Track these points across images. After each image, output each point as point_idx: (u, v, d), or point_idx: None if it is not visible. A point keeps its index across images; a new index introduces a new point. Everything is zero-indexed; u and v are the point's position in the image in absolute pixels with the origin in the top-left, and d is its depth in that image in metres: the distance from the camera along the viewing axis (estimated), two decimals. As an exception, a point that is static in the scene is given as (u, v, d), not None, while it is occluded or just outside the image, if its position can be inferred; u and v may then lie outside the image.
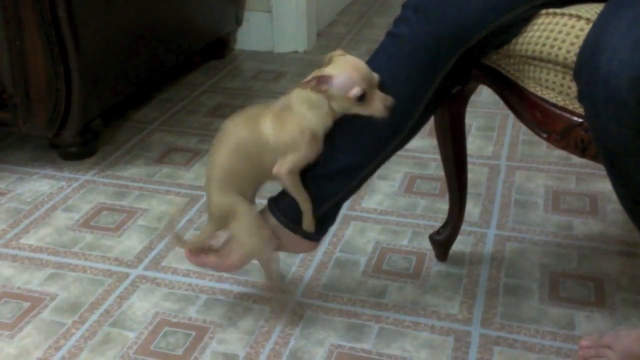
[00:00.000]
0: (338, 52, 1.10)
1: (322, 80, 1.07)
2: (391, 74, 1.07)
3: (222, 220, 1.15)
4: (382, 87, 1.08)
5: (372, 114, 1.07)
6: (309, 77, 1.08)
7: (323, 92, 1.07)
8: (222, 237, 1.19)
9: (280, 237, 1.17)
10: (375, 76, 1.07)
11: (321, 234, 1.21)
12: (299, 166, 1.11)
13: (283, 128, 1.09)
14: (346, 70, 1.07)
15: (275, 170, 1.11)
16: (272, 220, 1.17)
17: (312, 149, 1.10)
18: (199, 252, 1.19)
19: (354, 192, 1.19)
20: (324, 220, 1.19)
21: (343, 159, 1.12)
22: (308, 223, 1.15)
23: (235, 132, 1.13)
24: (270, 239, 1.16)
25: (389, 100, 1.06)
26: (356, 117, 1.10)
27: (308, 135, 1.09)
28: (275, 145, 1.10)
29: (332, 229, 1.36)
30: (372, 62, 1.10)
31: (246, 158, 1.12)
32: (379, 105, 1.06)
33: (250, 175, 1.14)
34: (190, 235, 1.51)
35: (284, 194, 1.16)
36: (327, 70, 1.07)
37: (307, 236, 1.18)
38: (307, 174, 1.13)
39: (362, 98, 1.06)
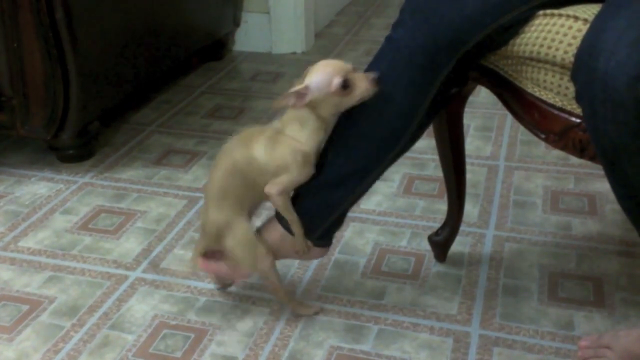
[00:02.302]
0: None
1: (300, 93, 1.07)
2: (391, 80, 1.07)
3: (216, 237, 1.16)
4: (382, 91, 1.08)
5: (363, 96, 1.06)
6: (284, 95, 1.07)
7: (307, 105, 1.07)
8: None
9: (290, 245, 1.18)
10: (349, 65, 1.08)
11: (331, 239, 1.21)
12: (289, 187, 1.12)
13: (275, 151, 1.10)
14: (319, 71, 1.07)
15: (266, 190, 1.12)
16: (280, 229, 1.17)
17: (303, 171, 1.11)
18: (210, 259, 1.20)
19: (359, 197, 1.19)
20: (332, 226, 1.19)
21: (347, 167, 1.12)
22: (300, 244, 1.17)
23: (230, 153, 1.14)
24: (267, 254, 1.17)
25: (372, 74, 1.06)
26: (358, 124, 1.10)
27: (300, 158, 1.09)
28: (266, 167, 1.11)
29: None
30: (372, 68, 1.10)
31: (240, 178, 1.13)
32: (365, 84, 1.06)
33: (245, 195, 1.15)
34: (189, 236, 1.51)
35: (292, 203, 1.16)
36: (301, 84, 1.07)
37: (319, 244, 1.19)
38: (312, 183, 1.13)
39: (346, 86, 1.05)
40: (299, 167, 1.10)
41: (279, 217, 1.18)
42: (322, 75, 1.06)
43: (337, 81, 1.05)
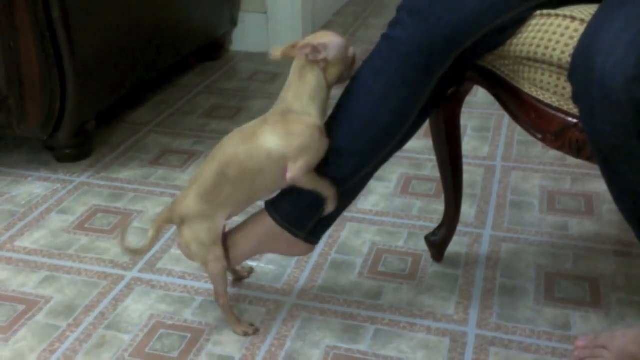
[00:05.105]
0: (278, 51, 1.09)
1: (319, 47, 1.06)
2: (386, 77, 1.07)
3: (180, 219, 1.14)
4: (376, 90, 1.09)
5: (350, 76, 1.11)
6: (300, 44, 1.06)
7: (320, 61, 1.06)
8: None
9: (277, 239, 1.17)
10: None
11: (320, 237, 1.21)
12: (312, 166, 1.10)
13: (290, 133, 1.07)
14: (333, 36, 1.08)
15: (289, 177, 1.09)
16: (271, 222, 1.17)
17: (322, 146, 1.09)
18: None
19: (351, 195, 1.19)
20: (323, 223, 1.19)
21: (339, 164, 1.12)
22: (332, 205, 1.14)
23: (230, 150, 1.11)
24: (221, 259, 1.15)
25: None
26: (351, 122, 1.10)
27: (317, 134, 1.08)
28: (281, 154, 1.08)
29: (328, 230, 1.35)
30: (367, 65, 1.10)
31: (236, 175, 1.10)
32: (357, 63, 1.10)
33: (234, 195, 1.12)
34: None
35: (283, 197, 1.16)
36: (316, 40, 1.07)
37: (308, 240, 1.18)
38: None
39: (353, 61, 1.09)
40: (318, 144, 1.08)
41: (269, 210, 1.17)
42: (339, 40, 1.07)
43: (352, 50, 1.08)
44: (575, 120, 1.00)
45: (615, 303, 1.28)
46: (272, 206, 1.17)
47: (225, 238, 1.18)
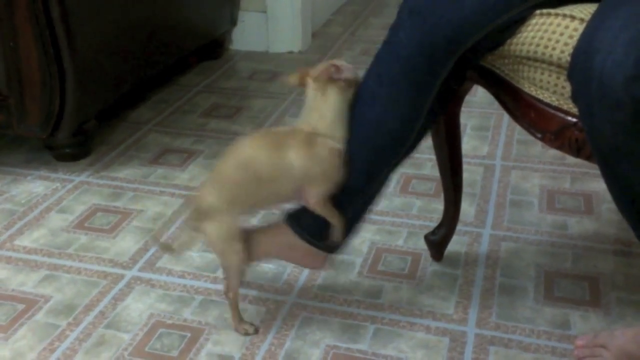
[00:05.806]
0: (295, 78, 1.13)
1: (342, 68, 1.09)
2: (390, 81, 1.07)
3: (200, 214, 1.14)
4: (382, 96, 1.09)
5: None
6: (319, 68, 1.09)
7: (343, 80, 1.09)
8: None
9: (296, 250, 1.17)
10: None
11: (336, 249, 1.20)
12: (330, 192, 1.10)
13: (315, 156, 1.08)
14: (339, 60, 1.12)
15: (312, 202, 1.10)
16: (290, 234, 1.16)
17: (341, 173, 1.10)
18: None
19: (369, 205, 1.19)
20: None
21: (354, 176, 1.11)
22: (338, 236, 1.15)
23: (252, 152, 1.11)
24: (241, 254, 1.15)
25: None
26: (358, 133, 1.10)
27: (339, 160, 1.08)
28: (302, 174, 1.08)
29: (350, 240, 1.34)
30: (371, 71, 1.10)
31: (253, 178, 1.10)
32: None
33: (250, 196, 1.12)
34: (185, 236, 1.50)
35: (305, 210, 1.14)
36: (334, 62, 1.10)
37: (330, 251, 1.18)
38: None
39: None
40: (338, 171, 1.09)
41: (291, 222, 1.16)
42: (347, 64, 1.11)
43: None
44: (574, 120, 1.00)
45: (615, 302, 1.28)
46: (294, 218, 1.16)
47: (247, 234, 1.17)
